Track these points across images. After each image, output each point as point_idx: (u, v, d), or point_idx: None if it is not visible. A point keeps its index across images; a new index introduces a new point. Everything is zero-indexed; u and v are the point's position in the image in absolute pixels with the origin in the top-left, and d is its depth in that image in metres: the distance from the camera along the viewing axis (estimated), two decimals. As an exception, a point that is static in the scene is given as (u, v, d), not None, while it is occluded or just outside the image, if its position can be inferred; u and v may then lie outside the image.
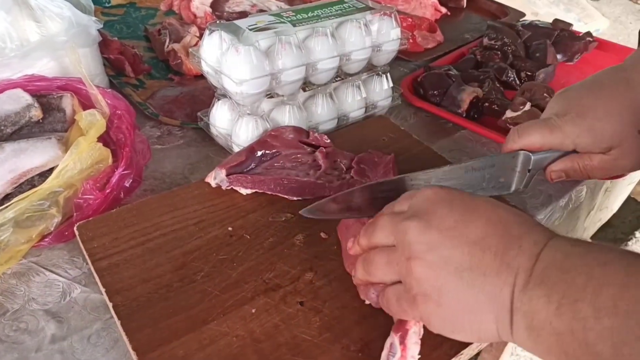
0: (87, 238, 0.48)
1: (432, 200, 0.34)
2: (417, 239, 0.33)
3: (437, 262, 0.32)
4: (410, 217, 0.34)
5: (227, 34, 0.57)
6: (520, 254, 0.31)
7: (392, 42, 0.67)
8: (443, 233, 0.33)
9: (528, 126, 0.45)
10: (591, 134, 0.43)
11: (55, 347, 0.42)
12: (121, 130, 0.59)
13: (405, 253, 0.34)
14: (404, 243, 0.34)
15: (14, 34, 0.62)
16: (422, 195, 0.35)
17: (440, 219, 0.33)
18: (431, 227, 0.33)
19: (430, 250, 0.32)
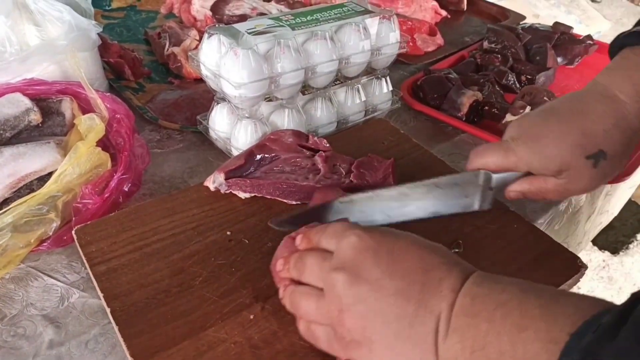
0: (85, 242, 0.48)
1: (358, 250, 0.36)
2: (346, 293, 0.34)
3: (367, 314, 0.34)
4: (338, 269, 0.35)
5: (226, 37, 0.57)
6: (440, 300, 0.33)
7: (392, 45, 0.67)
8: (370, 285, 0.34)
9: (485, 148, 0.48)
10: (542, 158, 0.45)
11: (52, 353, 0.42)
12: (120, 135, 0.59)
13: (335, 304, 0.35)
14: (333, 295, 0.35)
15: (13, 37, 0.62)
16: (347, 241, 0.36)
17: (367, 270, 0.34)
18: (358, 280, 0.34)
19: (359, 303, 0.34)
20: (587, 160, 0.44)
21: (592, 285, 1.63)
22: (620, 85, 0.46)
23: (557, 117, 0.46)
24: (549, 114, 0.47)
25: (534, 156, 0.45)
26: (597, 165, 0.45)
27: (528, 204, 0.62)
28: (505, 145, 0.47)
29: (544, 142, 0.45)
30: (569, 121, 0.45)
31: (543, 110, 0.48)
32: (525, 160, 0.46)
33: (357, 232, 0.36)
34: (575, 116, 0.45)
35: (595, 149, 0.44)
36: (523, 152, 0.46)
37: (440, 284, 0.33)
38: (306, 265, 0.38)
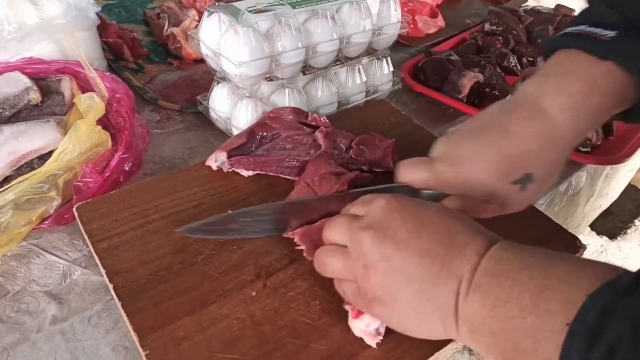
0: (87, 219, 0.48)
1: (387, 210, 0.36)
2: (372, 250, 0.35)
3: (391, 272, 0.35)
4: (366, 228, 0.36)
5: (226, 15, 0.56)
6: (464, 263, 0.33)
7: (393, 25, 0.67)
8: (396, 244, 0.35)
9: (413, 164, 0.44)
10: (468, 186, 0.42)
11: (56, 328, 0.43)
12: (120, 114, 0.58)
13: (361, 261, 0.36)
14: (360, 252, 0.36)
15: (11, 16, 0.62)
16: (377, 204, 0.37)
17: (394, 230, 0.35)
18: (385, 239, 0.35)
19: (385, 261, 0.35)
20: (514, 185, 0.42)
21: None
22: (553, 97, 0.41)
23: (482, 136, 0.42)
24: (475, 133, 0.43)
25: (459, 182, 0.42)
26: (524, 189, 0.42)
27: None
28: (432, 166, 0.43)
29: (468, 167, 0.42)
30: (494, 143, 0.41)
31: (469, 130, 0.44)
32: (451, 186, 0.43)
33: (386, 196, 0.38)
34: (500, 137, 0.41)
35: (521, 174, 0.41)
36: (449, 177, 0.42)
37: (464, 247, 0.34)
38: (335, 225, 0.39)
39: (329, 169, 0.49)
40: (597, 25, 0.40)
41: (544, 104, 0.41)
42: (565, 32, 0.43)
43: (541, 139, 0.41)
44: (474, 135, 0.43)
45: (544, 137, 0.41)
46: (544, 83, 0.42)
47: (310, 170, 0.50)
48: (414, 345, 0.40)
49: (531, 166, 0.41)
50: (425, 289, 0.34)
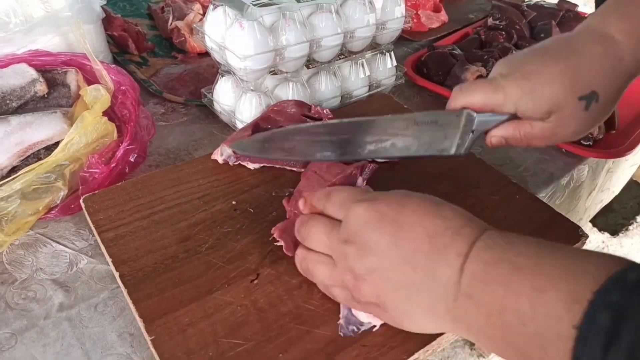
0: (93, 210, 0.48)
1: (364, 222, 0.36)
2: (357, 265, 0.36)
3: (378, 282, 0.35)
4: (347, 242, 0.36)
5: (231, 9, 0.57)
6: (447, 269, 0.32)
7: (397, 20, 0.67)
8: (378, 257, 0.35)
9: (472, 84, 0.44)
10: (532, 97, 0.41)
11: (63, 315, 0.43)
12: (125, 106, 0.59)
13: (349, 273, 0.36)
14: (345, 265, 0.36)
15: (18, 9, 0.62)
16: (355, 214, 0.36)
17: (374, 243, 0.35)
18: (367, 252, 0.35)
19: (371, 273, 0.35)
20: (580, 101, 0.41)
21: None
22: (616, 24, 0.42)
23: (549, 55, 0.43)
24: (540, 53, 0.43)
25: (524, 95, 0.42)
26: (588, 107, 0.42)
27: (530, 177, 0.63)
28: (493, 82, 0.43)
29: (535, 80, 0.41)
30: (562, 60, 0.42)
31: (534, 49, 0.44)
32: (514, 99, 0.42)
33: (364, 203, 0.36)
34: (568, 56, 0.42)
35: (588, 90, 0.41)
36: (512, 90, 0.42)
37: (445, 250, 0.33)
38: (313, 233, 0.39)
39: None
40: None
41: (608, 30, 0.42)
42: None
43: (608, 59, 0.42)
44: (541, 55, 0.43)
45: (610, 57, 0.42)
46: (607, 13, 0.43)
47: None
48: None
49: (597, 85, 0.41)
50: (412, 297, 0.34)
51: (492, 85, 0.42)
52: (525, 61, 0.43)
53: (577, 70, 0.41)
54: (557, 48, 0.43)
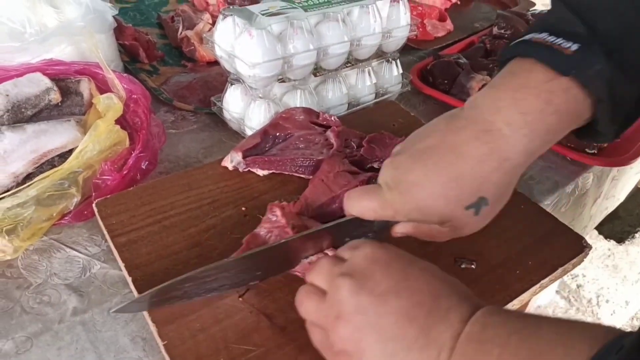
0: (106, 215, 0.49)
1: (370, 260, 0.35)
2: (348, 300, 0.33)
3: (363, 327, 0.33)
4: (345, 275, 0.34)
5: (241, 18, 0.58)
6: (446, 329, 0.31)
7: (402, 28, 0.68)
8: (374, 298, 0.33)
9: (361, 195, 0.42)
10: (420, 212, 0.40)
11: (77, 319, 0.44)
12: (137, 114, 0.60)
13: (335, 309, 0.34)
14: (335, 299, 0.34)
15: (33, 19, 0.64)
16: (362, 251, 0.36)
17: (374, 282, 0.33)
18: (363, 290, 0.33)
19: (358, 313, 0.33)
20: (467, 210, 0.39)
21: (597, 273, 1.65)
22: (506, 114, 0.38)
23: (430, 160, 0.39)
24: (423, 156, 0.40)
25: (411, 210, 0.40)
26: (478, 212, 0.39)
27: (535, 185, 0.64)
28: (381, 197, 0.40)
29: (419, 196, 0.39)
30: (444, 167, 0.39)
31: (417, 149, 0.41)
32: (403, 213, 0.40)
33: (375, 244, 0.36)
34: (450, 160, 0.39)
35: (475, 198, 0.39)
36: (399, 205, 0.40)
37: (448, 312, 0.32)
38: (318, 267, 0.38)
39: (343, 168, 0.51)
40: (559, 35, 0.37)
41: (495, 121, 0.38)
42: (524, 39, 0.39)
43: (493, 161, 0.38)
44: (421, 159, 0.40)
45: (497, 158, 0.38)
46: (497, 98, 0.39)
47: (324, 168, 0.51)
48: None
49: (484, 189, 0.38)
50: (399, 352, 0.31)
51: (380, 200, 0.40)
52: (407, 170, 0.40)
53: (461, 179, 0.38)
54: (439, 151, 0.39)
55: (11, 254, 0.48)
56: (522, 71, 0.38)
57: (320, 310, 0.35)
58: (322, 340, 0.36)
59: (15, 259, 0.49)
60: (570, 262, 0.49)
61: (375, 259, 0.35)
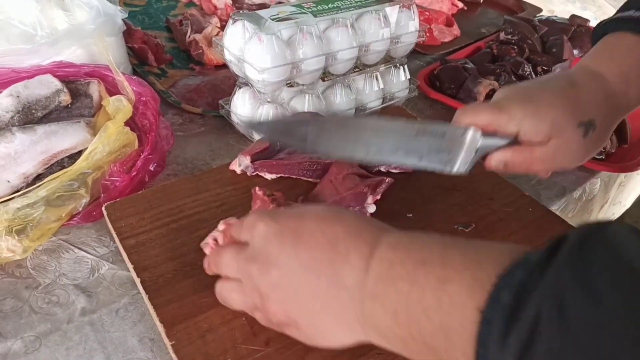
0: (115, 218, 0.50)
1: (265, 238, 0.36)
2: (261, 281, 0.35)
3: (284, 298, 0.35)
4: (251, 260, 0.36)
5: (250, 23, 0.58)
6: (351, 272, 0.32)
7: (411, 34, 0.68)
8: (280, 271, 0.35)
9: (477, 105, 0.48)
10: (534, 119, 0.43)
11: (85, 319, 0.44)
12: (146, 116, 0.60)
13: (256, 293, 0.36)
14: (251, 285, 0.36)
15: (44, 22, 0.64)
16: (258, 232, 0.37)
17: (275, 257, 0.35)
18: (269, 268, 0.35)
19: (275, 289, 0.35)
20: (579, 127, 0.44)
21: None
22: (606, 66, 0.46)
23: (550, 84, 0.46)
24: (541, 82, 0.48)
25: (527, 116, 0.43)
26: (586, 135, 0.44)
27: (542, 190, 0.64)
28: (498, 104, 0.44)
29: (538, 103, 0.44)
30: (562, 90, 0.45)
31: (535, 80, 0.50)
32: (517, 119, 0.43)
33: (266, 220, 0.37)
34: (567, 86, 0.45)
35: (587, 118, 0.44)
36: (516, 111, 0.43)
37: (348, 254, 0.33)
38: (222, 260, 0.39)
39: (352, 170, 0.51)
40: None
41: (598, 69, 0.46)
42: (612, 18, 0.48)
43: (603, 93, 0.45)
44: (542, 84, 0.47)
45: (604, 92, 0.45)
46: (597, 57, 0.47)
47: (333, 170, 0.52)
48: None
49: (595, 114, 0.44)
50: (320, 306, 0.34)
51: (497, 106, 0.44)
52: (528, 87, 0.46)
53: (577, 99, 0.44)
54: (557, 79, 0.47)
55: (20, 254, 0.48)
56: (614, 40, 0.47)
57: (245, 298, 0.38)
58: (264, 319, 0.38)
59: (24, 259, 0.49)
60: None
61: (269, 234, 0.36)
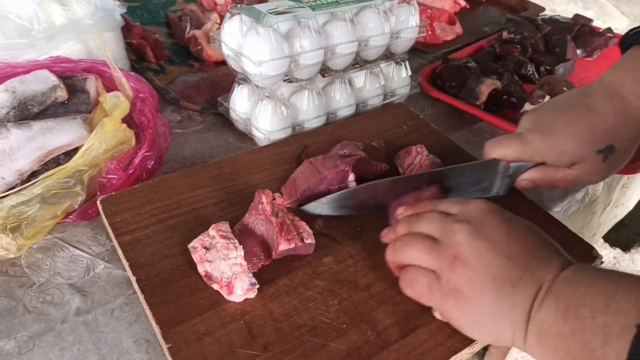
0: (111, 212, 0.49)
1: (485, 211, 0.40)
2: (466, 243, 0.38)
3: (478, 266, 0.37)
4: (463, 222, 0.39)
5: (248, 17, 0.57)
6: (546, 272, 0.36)
7: (411, 29, 0.67)
8: (489, 243, 0.37)
9: (503, 139, 0.51)
10: (556, 151, 0.49)
11: (80, 320, 0.44)
12: (144, 113, 0.59)
13: (452, 251, 0.38)
14: (453, 242, 0.38)
15: (41, 16, 0.63)
16: (475, 204, 0.40)
17: (489, 230, 0.38)
18: (480, 235, 0.38)
19: (475, 255, 0.37)
20: (598, 154, 0.48)
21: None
22: (628, 84, 0.49)
23: (569, 112, 0.49)
24: (562, 109, 0.50)
25: (549, 149, 0.49)
26: (606, 159, 0.48)
27: (545, 192, 0.63)
28: (522, 138, 0.50)
29: (558, 136, 0.48)
30: (581, 117, 0.48)
31: (556, 106, 0.51)
32: (541, 153, 0.49)
33: (484, 200, 0.41)
34: (586, 113, 0.49)
35: (605, 144, 0.48)
36: (539, 145, 0.49)
37: (549, 261, 0.37)
38: (424, 217, 0.42)
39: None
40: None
41: (621, 91, 0.49)
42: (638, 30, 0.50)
43: (620, 117, 0.48)
44: (560, 111, 0.50)
45: (622, 115, 0.48)
46: (620, 74, 0.50)
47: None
48: (430, 347, 0.40)
49: (613, 139, 0.48)
50: (505, 288, 0.36)
51: (522, 141, 0.50)
52: (549, 117, 0.50)
53: (595, 127, 0.48)
54: (576, 105, 0.50)
55: (15, 252, 0.47)
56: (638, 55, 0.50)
57: (433, 251, 0.39)
58: (429, 283, 0.39)
59: (18, 258, 0.48)
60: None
61: (490, 210, 0.40)
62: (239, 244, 0.44)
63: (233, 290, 0.41)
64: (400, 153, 0.59)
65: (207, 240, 0.44)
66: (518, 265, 0.37)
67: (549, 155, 0.49)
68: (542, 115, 0.51)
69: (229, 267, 0.42)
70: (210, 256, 0.43)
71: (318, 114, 0.64)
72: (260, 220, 0.47)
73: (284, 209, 0.47)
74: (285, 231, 0.45)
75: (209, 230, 0.45)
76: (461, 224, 0.39)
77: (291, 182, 0.53)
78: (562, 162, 0.49)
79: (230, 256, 0.43)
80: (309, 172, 0.52)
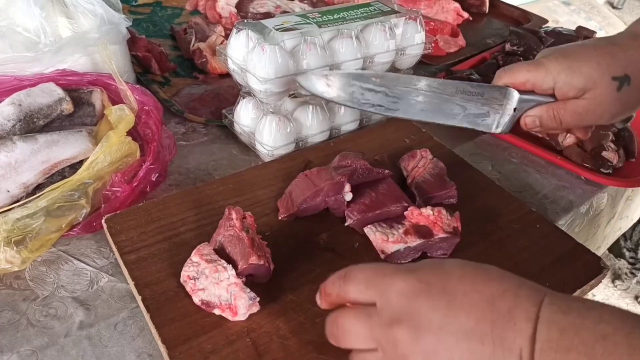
0: (115, 231, 0.49)
1: (409, 295, 0.32)
2: (412, 349, 0.31)
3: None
4: (393, 324, 0.32)
5: (254, 32, 0.58)
6: (517, 335, 0.29)
7: (417, 46, 0.68)
8: (435, 334, 0.31)
9: (515, 64, 0.50)
10: (569, 72, 0.47)
11: (83, 333, 0.43)
12: (148, 126, 0.60)
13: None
14: (396, 354, 0.32)
15: (47, 29, 0.64)
16: (396, 289, 0.32)
17: (427, 318, 0.31)
18: (420, 332, 0.31)
19: (429, 357, 0.31)
20: (613, 81, 0.46)
21: (607, 293, 1.62)
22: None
23: (588, 43, 0.50)
24: (580, 43, 0.51)
25: (563, 70, 0.47)
26: (620, 89, 0.46)
27: (549, 204, 0.63)
28: (535, 62, 0.49)
29: (573, 58, 0.47)
30: (599, 46, 0.48)
31: (575, 42, 0.51)
32: (553, 74, 0.47)
33: (401, 274, 0.33)
34: (605, 44, 0.48)
35: (622, 72, 0.46)
36: (552, 66, 0.47)
37: (511, 315, 0.30)
38: (346, 329, 0.34)
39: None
40: None
41: None
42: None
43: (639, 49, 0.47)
44: (579, 44, 0.50)
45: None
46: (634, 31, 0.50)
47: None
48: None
49: (630, 70, 0.46)
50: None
51: (534, 63, 0.48)
52: (568, 46, 0.49)
53: (613, 54, 0.47)
54: (597, 39, 0.51)
55: (19, 265, 0.47)
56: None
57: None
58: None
59: (22, 271, 0.48)
60: (589, 284, 0.48)
61: (413, 292, 0.32)
62: (226, 263, 0.42)
63: (237, 312, 0.41)
64: (405, 156, 0.59)
65: (193, 270, 0.43)
66: (482, 342, 0.30)
67: (561, 77, 0.47)
68: (560, 46, 0.50)
69: (224, 290, 0.41)
70: (200, 284, 0.42)
71: (322, 129, 0.64)
72: (229, 237, 0.45)
73: (254, 229, 0.46)
74: (256, 247, 0.43)
75: (192, 257, 0.43)
76: (396, 329, 0.31)
77: (287, 195, 0.53)
78: (574, 84, 0.47)
79: (222, 278, 0.41)
80: (304, 185, 0.52)
